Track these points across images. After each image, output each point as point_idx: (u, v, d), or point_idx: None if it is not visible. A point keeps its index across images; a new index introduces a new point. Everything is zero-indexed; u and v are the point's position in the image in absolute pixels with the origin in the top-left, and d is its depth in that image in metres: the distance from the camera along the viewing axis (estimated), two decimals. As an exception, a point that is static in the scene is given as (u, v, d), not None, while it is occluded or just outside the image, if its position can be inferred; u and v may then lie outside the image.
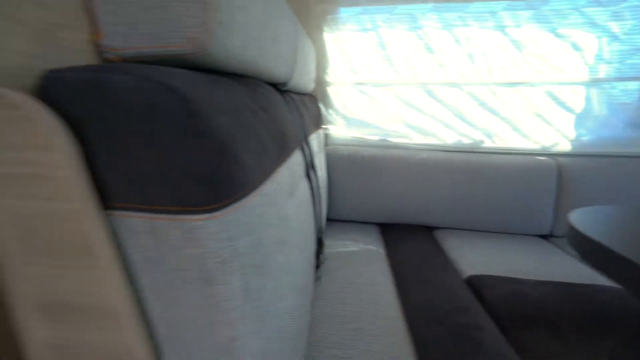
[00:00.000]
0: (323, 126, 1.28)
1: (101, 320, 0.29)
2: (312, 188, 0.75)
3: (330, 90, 1.27)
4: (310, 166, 0.77)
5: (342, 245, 1.04)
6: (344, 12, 1.18)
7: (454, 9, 1.14)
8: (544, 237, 1.19)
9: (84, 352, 0.30)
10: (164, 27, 0.32)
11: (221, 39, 0.34)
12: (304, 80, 0.90)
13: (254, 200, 0.34)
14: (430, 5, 1.14)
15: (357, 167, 1.21)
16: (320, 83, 1.25)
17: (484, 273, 0.89)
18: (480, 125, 1.24)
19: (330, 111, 1.30)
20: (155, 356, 0.31)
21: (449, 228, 1.23)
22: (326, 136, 1.30)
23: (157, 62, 0.34)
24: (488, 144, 1.24)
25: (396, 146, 1.25)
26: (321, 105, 1.28)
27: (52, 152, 0.24)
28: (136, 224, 0.28)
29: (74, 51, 0.33)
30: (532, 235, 1.20)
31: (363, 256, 0.98)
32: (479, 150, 1.23)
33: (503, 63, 1.16)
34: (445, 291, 0.78)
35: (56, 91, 0.26)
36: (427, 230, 1.22)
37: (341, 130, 1.31)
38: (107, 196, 0.27)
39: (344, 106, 1.29)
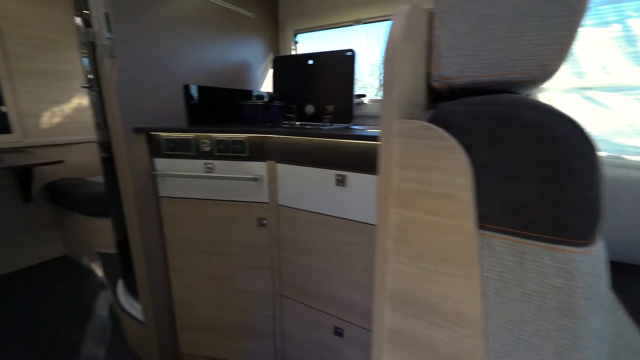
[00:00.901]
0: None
1: (454, 324, 0.32)
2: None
3: (542, 98, 1.11)
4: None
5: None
6: (576, 6, 1.00)
7: None
8: None
9: (425, 346, 0.34)
10: (511, 55, 0.33)
11: None
12: None
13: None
14: None
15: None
16: (531, 89, 1.11)
17: None
18: None
19: (539, 121, 1.13)
20: (487, 370, 0.33)
21: None
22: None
23: (482, 90, 0.36)
24: None
25: (638, 166, 0.98)
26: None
27: (461, 177, 0.28)
28: (500, 244, 0.30)
29: (419, 81, 0.38)
30: None
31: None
32: None
33: None
34: None
35: (449, 122, 0.30)
36: (683, 281, 0.91)
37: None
38: (479, 216, 0.30)
39: (558, 115, 1.11)
